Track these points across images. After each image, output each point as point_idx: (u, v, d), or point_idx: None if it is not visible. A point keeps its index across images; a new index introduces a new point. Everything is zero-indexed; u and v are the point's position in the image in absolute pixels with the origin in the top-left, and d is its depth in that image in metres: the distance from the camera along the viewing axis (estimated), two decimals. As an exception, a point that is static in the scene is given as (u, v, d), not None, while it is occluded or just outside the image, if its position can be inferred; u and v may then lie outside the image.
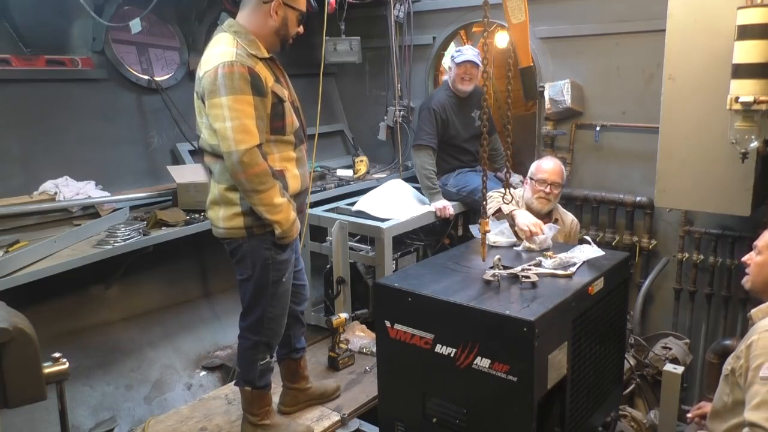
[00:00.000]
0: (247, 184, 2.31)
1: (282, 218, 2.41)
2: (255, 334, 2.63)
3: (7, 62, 3.22)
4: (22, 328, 1.35)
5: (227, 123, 2.26)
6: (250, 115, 2.29)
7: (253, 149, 2.28)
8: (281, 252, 2.54)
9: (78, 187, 3.36)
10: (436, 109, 4.08)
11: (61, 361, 1.44)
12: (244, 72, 2.28)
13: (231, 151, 2.27)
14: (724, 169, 2.89)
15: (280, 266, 2.55)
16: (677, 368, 2.59)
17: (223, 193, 2.46)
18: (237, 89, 2.26)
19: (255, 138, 2.30)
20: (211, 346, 4.06)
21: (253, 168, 2.29)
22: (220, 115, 2.27)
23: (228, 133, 2.26)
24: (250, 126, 2.29)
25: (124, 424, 3.38)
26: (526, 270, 2.27)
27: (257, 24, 2.42)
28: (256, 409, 2.74)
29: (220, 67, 2.27)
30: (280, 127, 2.44)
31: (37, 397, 1.39)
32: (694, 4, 2.86)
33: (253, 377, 2.68)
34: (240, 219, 2.45)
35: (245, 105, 2.28)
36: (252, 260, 2.51)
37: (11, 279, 2.61)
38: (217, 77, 2.26)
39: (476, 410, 2.06)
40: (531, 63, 2.82)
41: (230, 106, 2.26)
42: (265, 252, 2.49)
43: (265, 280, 2.53)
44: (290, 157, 2.53)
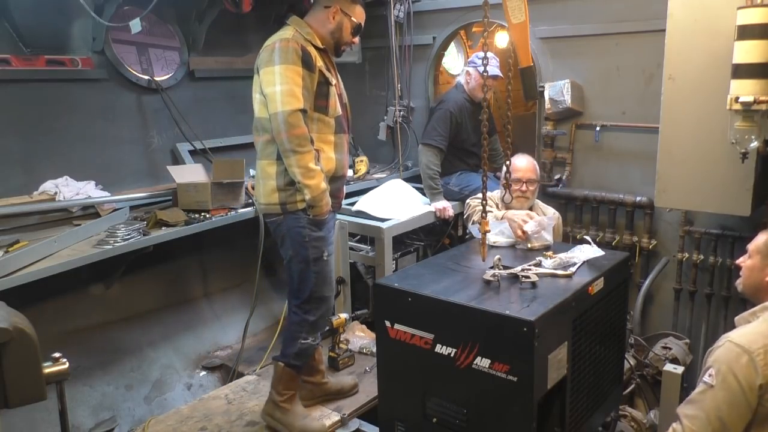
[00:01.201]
0: (287, 143, 2.50)
1: (314, 183, 2.56)
2: (303, 312, 2.76)
3: (7, 62, 3.22)
4: (22, 328, 1.35)
5: (277, 87, 2.51)
6: (298, 84, 2.53)
7: (297, 112, 2.50)
8: (316, 229, 2.67)
9: (78, 187, 3.36)
10: (453, 111, 4.09)
11: (61, 361, 1.44)
12: (297, 47, 2.55)
13: (278, 111, 2.50)
14: (724, 169, 2.89)
15: (317, 243, 2.68)
16: (677, 368, 2.60)
17: (263, 168, 2.68)
18: (289, 60, 2.53)
19: (300, 102, 2.52)
20: (211, 346, 4.06)
21: (295, 129, 2.50)
22: (271, 80, 2.53)
23: (277, 96, 2.50)
24: (297, 92, 2.52)
25: (124, 424, 3.38)
26: (526, 270, 2.27)
27: (317, 24, 2.72)
28: (281, 389, 2.82)
29: (277, 42, 2.56)
30: (323, 106, 2.66)
31: (37, 397, 1.39)
32: (694, 4, 2.86)
33: (290, 353, 2.78)
34: (275, 195, 2.64)
35: (294, 74, 2.53)
36: (291, 239, 2.68)
37: (11, 279, 2.61)
38: (274, 50, 2.55)
39: (476, 410, 2.06)
40: (531, 63, 2.81)
41: (281, 73, 2.51)
42: (301, 230, 2.65)
43: (305, 257, 2.68)
44: (328, 140, 2.71)
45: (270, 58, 2.56)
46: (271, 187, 2.65)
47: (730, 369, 1.95)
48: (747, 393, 1.92)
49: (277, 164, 2.63)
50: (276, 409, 2.82)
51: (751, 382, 1.92)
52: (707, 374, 2.01)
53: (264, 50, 2.61)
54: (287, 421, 2.80)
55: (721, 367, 1.97)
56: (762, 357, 1.93)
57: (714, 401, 1.96)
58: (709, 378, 1.99)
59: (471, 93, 4.17)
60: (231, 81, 4.33)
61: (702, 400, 2.00)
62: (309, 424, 2.83)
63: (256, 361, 3.69)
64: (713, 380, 1.98)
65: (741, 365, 1.93)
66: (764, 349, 1.94)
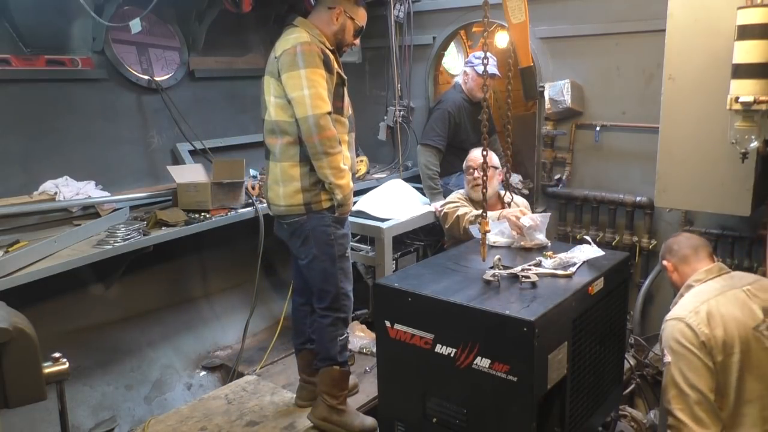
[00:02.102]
0: (320, 146, 2.54)
1: (344, 183, 2.62)
2: (335, 311, 2.78)
3: (7, 62, 3.22)
4: (22, 328, 1.35)
5: (305, 91, 2.52)
6: (324, 87, 2.57)
7: (326, 115, 2.54)
8: (340, 227, 2.73)
9: (78, 187, 3.36)
10: (451, 111, 4.10)
11: (61, 361, 1.44)
12: (318, 51, 2.58)
13: (308, 115, 2.52)
14: (724, 169, 2.89)
15: (342, 241, 2.74)
16: (677, 368, 2.59)
17: (285, 170, 2.67)
18: (314, 63, 2.55)
19: (328, 105, 2.57)
20: (211, 346, 4.06)
21: (326, 131, 2.53)
22: (298, 84, 2.54)
23: (306, 100, 2.52)
24: (324, 95, 2.56)
25: (124, 424, 3.38)
26: (526, 270, 2.27)
27: (321, 25, 2.72)
28: (338, 391, 2.84)
29: (298, 46, 2.56)
30: (340, 107, 2.71)
31: (37, 397, 1.39)
32: (694, 4, 2.86)
33: (335, 353, 2.81)
34: (299, 196, 2.66)
35: (319, 77, 2.56)
36: (315, 239, 2.70)
37: (11, 279, 2.61)
38: (296, 53, 2.55)
39: (476, 410, 2.06)
40: (531, 63, 2.82)
41: (308, 77, 2.53)
42: (326, 228, 2.69)
43: (332, 256, 2.71)
44: (344, 139, 2.75)
45: (293, 61, 2.55)
46: (295, 189, 2.66)
47: (674, 340, 2.20)
48: (698, 353, 2.15)
49: (300, 165, 2.64)
50: (332, 413, 2.83)
51: (695, 341, 2.16)
52: (664, 358, 2.25)
53: (285, 54, 2.58)
54: (346, 422, 2.82)
55: (669, 343, 2.23)
56: (693, 318, 2.19)
57: (678, 373, 2.17)
58: (666, 358, 2.23)
59: (469, 93, 4.18)
60: (231, 81, 4.33)
61: (669, 380, 2.20)
62: (364, 420, 2.87)
63: (256, 361, 3.69)
64: (668, 357, 2.22)
65: (680, 332, 2.19)
66: (693, 311, 2.20)
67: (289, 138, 2.64)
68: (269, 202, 2.82)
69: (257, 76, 4.52)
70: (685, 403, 2.16)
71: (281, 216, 2.76)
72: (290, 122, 2.60)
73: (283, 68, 2.58)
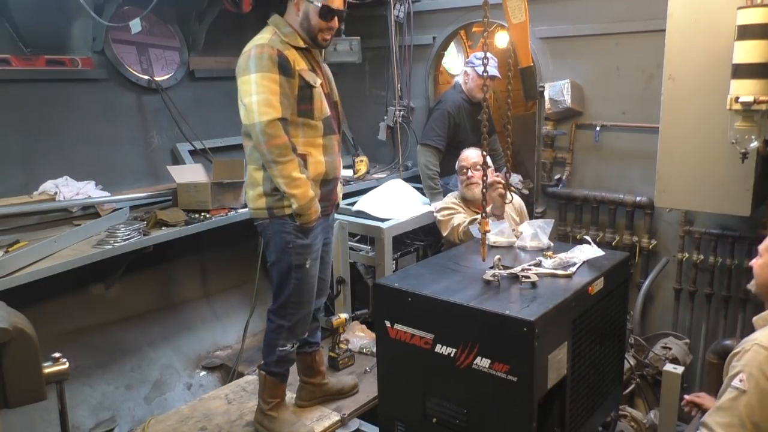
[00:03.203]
0: (268, 154, 2.47)
1: (299, 193, 2.52)
2: (279, 318, 2.73)
3: (7, 62, 3.22)
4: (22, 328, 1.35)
5: (253, 97, 2.46)
6: (275, 92, 2.47)
7: (275, 121, 2.45)
8: (303, 236, 2.64)
9: (78, 187, 3.36)
10: (451, 111, 4.11)
11: (61, 361, 1.44)
12: (273, 53, 2.49)
13: (255, 122, 2.46)
14: (724, 169, 2.89)
15: (301, 251, 2.65)
16: (677, 368, 2.58)
17: (251, 173, 2.66)
18: (264, 67, 2.47)
19: (278, 111, 2.47)
20: (211, 346, 4.06)
21: (275, 139, 2.46)
22: (248, 90, 2.49)
23: (253, 106, 2.46)
24: (274, 101, 2.47)
25: (124, 424, 3.38)
26: (526, 270, 2.27)
27: (292, 21, 2.64)
28: (267, 397, 2.82)
29: (252, 49, 2.51)
30: (307, 110, 2.60)
31: (37, 397, 1.39)
32: (694, 4, 2.86)
33: (270, 361, 2.77)
34: (262, 200, 2.62)
35: (271, 82, 2.47)
36: (275, 243, 2.66)
37: (11, 279, 2.61)
38: (249, 58, 2.50)
39: (476, 410, 2.06)
40: (531, 63, 2.81)
41: (257, 82, 2.46)
42: (286, 236, 2.62)
43: (287, 263, 2.65)
44: (316, 143, 2.66)
45: (246, 66, 2.51)
46: (258, 193, 2.62)
47: (762, 371, 1.92)
48: None
49: (263, 169, 2.59)
50: (264, 418, 2.81)
51: None
52: (737, 379, 1.97)
53: (241, 57, 2.55)
54: (275, 429, 2.79)
55: (753, 371, 1.94)
56: None
57: (748, 406, 1.92)
58: (740, 383, 1.95)
59: (469, 93, 4.18)
60: (231, 81, 4.26)
61: (735, 407, 1.95)
62: (297, 430, 2.80)
63: (256, 361, 3.69)
64: (745, 385, 1.94)
65: None
66: None
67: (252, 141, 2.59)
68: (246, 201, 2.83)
69: (257, 76, 4.57)
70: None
71: (252, 218, 2.76)
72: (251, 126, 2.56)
73: (237, 72, 2.56)
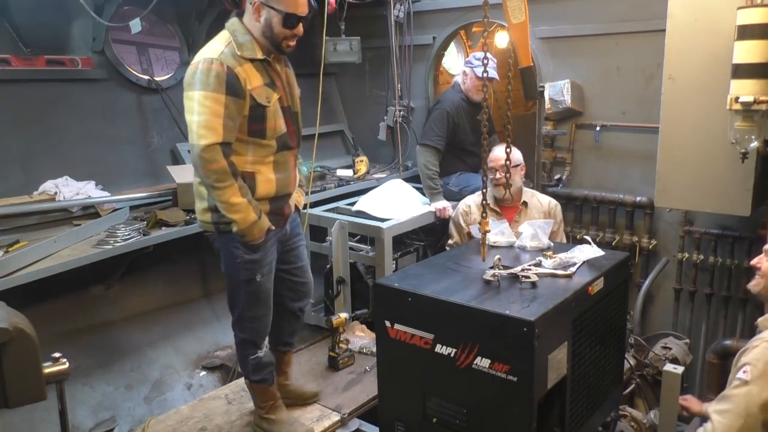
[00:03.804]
0: (206, 179, 2.36)
1: (239, 218, 2.40)
2: (239, 331, 2.69)
3: (7, 62, 3.22)
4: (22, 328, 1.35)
5: (195, 117, 2.31)
6: (218, 113, 2.30)
7: (213, 146, 2.30)
8: (251, 252, 2.51)
9: (78, 187, 3.36)
10: (450, 111, 4.10)
11: (61, 361, 1.44)
12: (221, 71, 2.30)
13: (193, 144, 2.33)
14: (724, 169, 2.89)
15: (249, 266, 2.53)
16: (677, 368, 2.59)
17: (196, 186, 2.55)
18: (210, 86, 2.29)
19: (218, 135, 2.30)
20: (211, 346, 4.05)
21: (212, 164, 2.31)
22: (190, 107, 2.33)
23: (193, 127, 2.32)
24: (215, 124, 2.30)
25: (124, 424, 3.38)
26: (526, 270, 2.27)
27: (250, 25, 2.43)
28: (260, 402, 2.82)
29: (201, 63, 2.32)
30: (258, 130, 2.43)
31: (37, 397, 1.39)
32: (694, 4, 2.86)
33: (247, 371, 2.76)
34: (208, 214, 2.52)
35: (215, 103, 2.30)
36: (224, 257, 2.58)
37: (11, 279, 2.61)
38: (195, 72, 2.32)
39: (476, 410, 2.06)
40: (531, 63, 2.81)
41: (200, 101, 2.30)
42: (234, 250, 2.51)
43: (236, 278, 2.56)
44: (266, 161, 2.51)
45: (191, 81, 2.33)
46: (204, 207, 2.52)
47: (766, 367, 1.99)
48: None
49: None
50: (262, 421, 2.82)
51: None
52: (741, 371, 2.04)
53: (189, 67, 2.37)
54: (273, 430, 2.80)
55: (758, 364, 2.01)
56: None
57: (747, 396, 1.99)
58: (744, 374, 2.03)
59: (467, 93, 4.18)
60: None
61: (735, 395, 2.03)
62: (296, 430, 2.80)
63: (256, 361, 3.69)
64: (748, 376, 2.01)
65: None
66: None
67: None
68: None
69: (257, 76, 4.56)
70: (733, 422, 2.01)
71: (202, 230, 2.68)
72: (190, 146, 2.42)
73: (184, 84, 2.37)
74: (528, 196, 3.61)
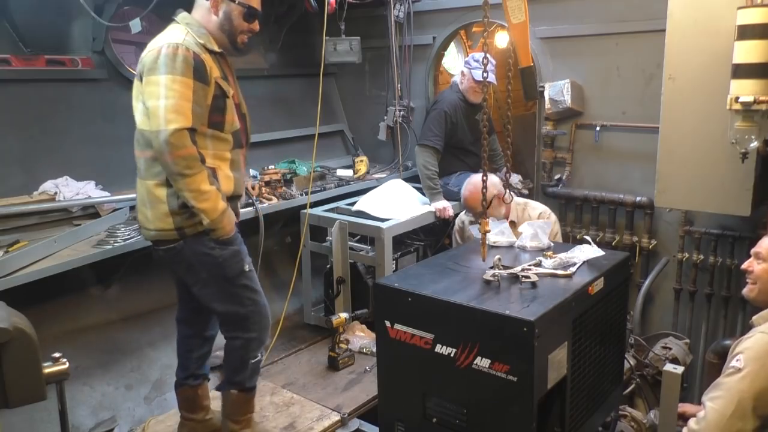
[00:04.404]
0: (173, 166, 2.21)
1: (209, 207, 2.27)
2: (245, 332, 2.55)
3: (7, 62, 3.22)
4: (22, 328, 1.35)
5: (161, 101, 2.19)
6: (187, 98, 2.21)
7: (183, 131, 2.19)
8: (227, 246, 2.40)
9: (78, 187, 3.36)
10: (448, 111, 4.11)
11: (61, 361, 1.44)
12: (188, 55, 2.23)
13: (160, 129, 2.19)
14: (724, 169, 2.89)
15: (233, 259, 2.42)
16: (677, 368, 2.58)
17: (150, 190, 2.36)
18: (177, 70, 2.20)
19: (187, 120, 2.21)
20: (211, 346, 4.05)
21: (180, 150, 2.19)
22: (155, 92, 2.21)
23: (160, 112, 2.19)
24: (185, 108, 2.20)
25: (124, 424, 3.38)
26: (526, 270, 2.27)
27: (205, 21, 2.39)
28: (240, 415, 2.67)
29: (164, 47, 2.23)
30: (218, 122, 2.37)
31: (37, 397, 1.39)
32: (694, 4, 2.86)
33: (243, 378, 2.61)
34: (169, 219, 2.34)
35: (184, 87, 2.21)
36: (200, 264, 2.40)
37: (11, 279, 2.61)
38: (159, 56, 2.22)
39: (476, 410, 2.06)
40: (531, 63, 2.82)
41: (167, 85, 2.19)
42: (210, 252, 2.37)
43: (225, 277, 2.42)
44: (225, 156, 2.44)
45: (154, 65, 2.22)
46: (163, 212, 2.33)
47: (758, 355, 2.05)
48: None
49: (166, 185, 2.32)
50: None
51: None
52: (735, 359, 2.10)
53: (148, 54, 2.26)
54: None
55: (750, 353, 2.07)
56: None
57: (740, 382, 2.05)
58: (737, 362, 2.09)
59: (465, 93, 4.18)
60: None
61: (727, 382, 2.08)
62: None
63: (256, 361, 3.69)
64: (741, 363, 2.08)
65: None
66: None
67: (152, 151, 2.29)
68: (139, 225, 2.50)
69: (257, 76, 4.57)
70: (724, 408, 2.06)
71: (154, 241, 2.43)
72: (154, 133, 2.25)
73: (144, 71, 2.26)
74: (517, 213, 3.50)
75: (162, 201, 2.34)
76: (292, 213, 4.06)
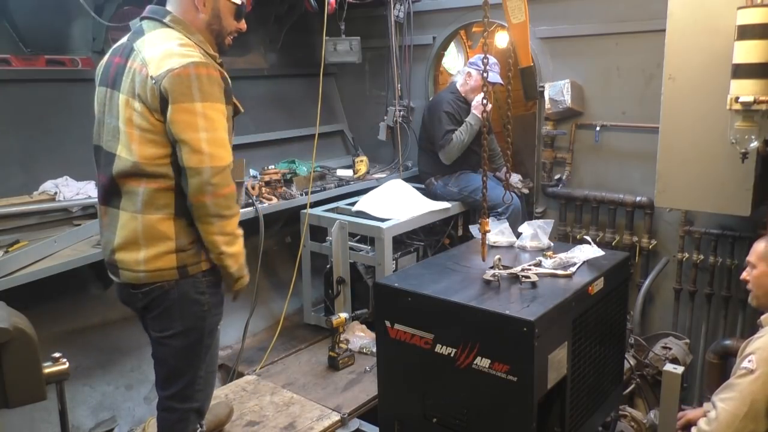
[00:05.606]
0: (213, 207, 1.96)
1: (238, 251, 2.09)
2: (184, 402, 2.19)
3: (7, 62, 3.22)
4: (22, 328, 1.35)
5: (201, 134, 1.92)
6: (224, 127, 1.99)
7: (227, 169, 1.99)
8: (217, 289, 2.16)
9: (78, 187, 3.35)
10: (448, 111, 4.15)
11: (61, 361, 1.44)
12: (217, 76, 1.99)
13: (204, 167, 1.92)
14: (724, 169, 2.88)
15: (217, 310, 2.18)
16: (677, 368, 2.59)
17: (153, 225, 2.01)
18: (214, 96, 1.96)
19: (230, 154, 2.02)
20: (211, 346, 4.05)
21: (223, 189, 1.97)
22: (192, 123, 1.91)
23: (202, 146, 1.92)
24: (225, 140, 1.99)
25: (124, 424, 3.38)
26: (526, 270, 2.27)
27: (190, 18, 2.07)
28: None
29: (191, 67, 1.92)
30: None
31: (37, 397, 1.39)
32: (694, 4, 2.86)
33: None
34: (172, 258, 2.02)
35: (220, 115, 1.98)
36: (181, 311, 2.08)
37: (11, 279, 2.61)
38: (191, 77, 1.91)
39: (476, 410, 2.06)
40: (531, 63, 2.82)
41: (206, 114, 1.93)
42: (199, 297, 2.09)
43: (200, 331, 2.13)
44: None
45: (187, 90, 1.90)
46: (167, 249, 2.01)
47: None
48: None
49: (175, 220, 2.02)
50: None
51: None
52: (746, 360, 2.08)
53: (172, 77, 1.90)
54: None
55: (763, 354, 2.05)
56: None
57: (752, 384, 2.03)
58: (749, 363, 2.07)
59: (466, 95, 4.21)
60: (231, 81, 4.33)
61: (739, 383, 2.06)
62: None
63: (256, 361, 3.69)
64: (753, 365, 2.06)
65: None
66: None
67: (162, 182, 1.99)
68: (117, 265, 2.07)
69: (257, 76, 4.57)
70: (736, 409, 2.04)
71: (136, 285, 2.06)
72: (166, 164, 1.97)
73: (170, 95, 1.90)
74: None
75: (169, 238, 2.02)
76: (292, 213, 4.06)
